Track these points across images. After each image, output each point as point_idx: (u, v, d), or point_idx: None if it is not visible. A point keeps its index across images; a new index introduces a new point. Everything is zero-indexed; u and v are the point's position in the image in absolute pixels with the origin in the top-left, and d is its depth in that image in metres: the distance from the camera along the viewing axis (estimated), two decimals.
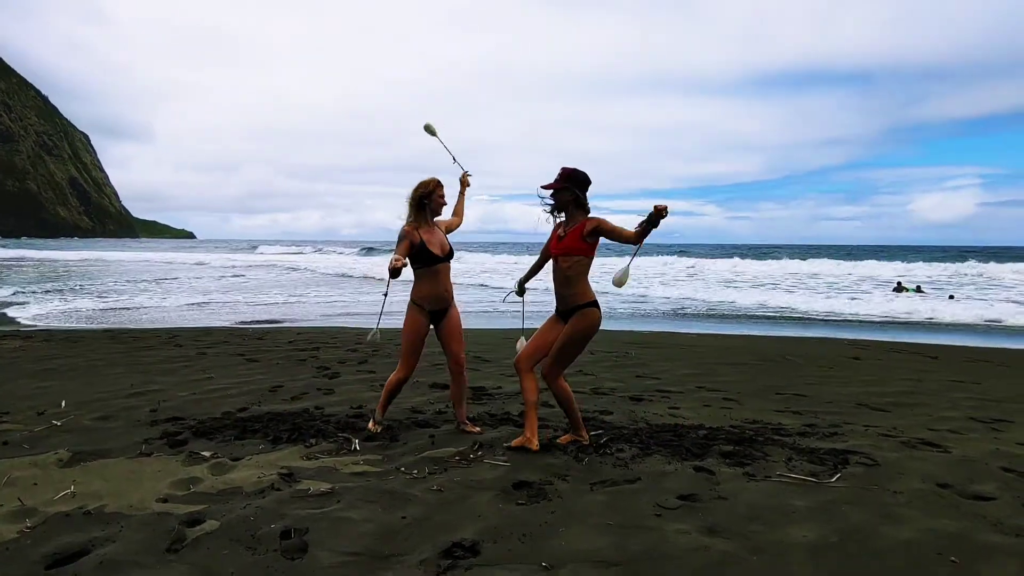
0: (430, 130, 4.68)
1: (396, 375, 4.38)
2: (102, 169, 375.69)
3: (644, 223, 3.65)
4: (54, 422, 4.69)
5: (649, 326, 12.70)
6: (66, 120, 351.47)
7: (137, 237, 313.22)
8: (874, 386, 6.47)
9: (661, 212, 3.55)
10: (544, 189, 4.03)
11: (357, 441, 4.17)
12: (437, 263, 4.28)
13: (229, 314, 14.18)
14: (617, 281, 3.94)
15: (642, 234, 3.68)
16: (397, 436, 4.34)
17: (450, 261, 4.40)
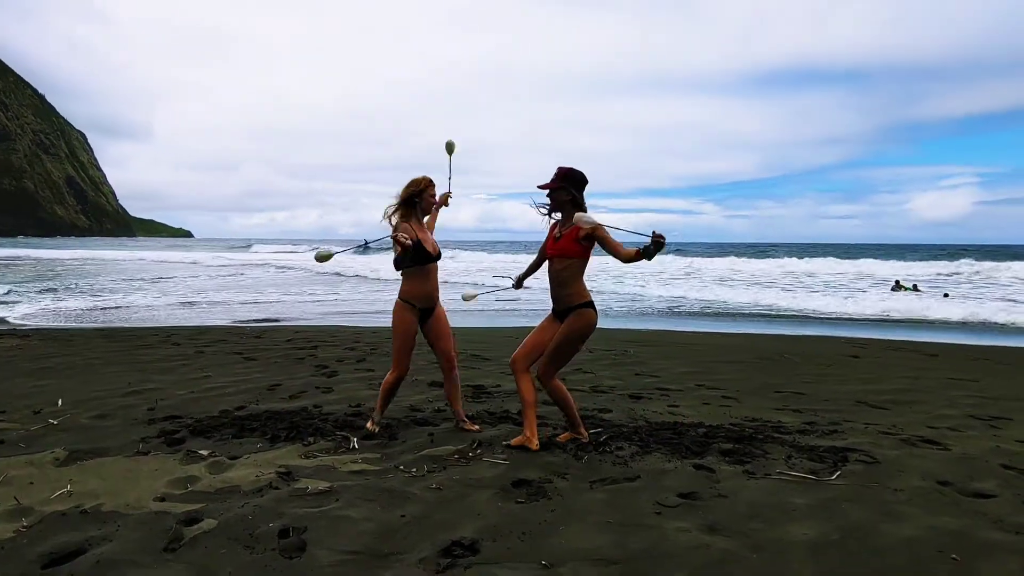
0: (450, 148, 4.72)
1: (392, 376, 4.37)
2: (99, 168, 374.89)
3: (641, 252, 3.52)
4: (51, 421, 4.67)
5: (646, 324, 12.69)
6: (63, 119, 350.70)
7: (134, 236, 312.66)
8: (873, 384, 6.47)
9: (660, 242, 3.37)
10: (540, 188, 4.02)
11: (356, 439, 4.16)
12: (430, 262, 4.32)
13: (223, 313, 14.13)
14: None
15: (635, 259, 3.58)
16: (396, 434, 4.33)
17: (439, 261, 4.45)
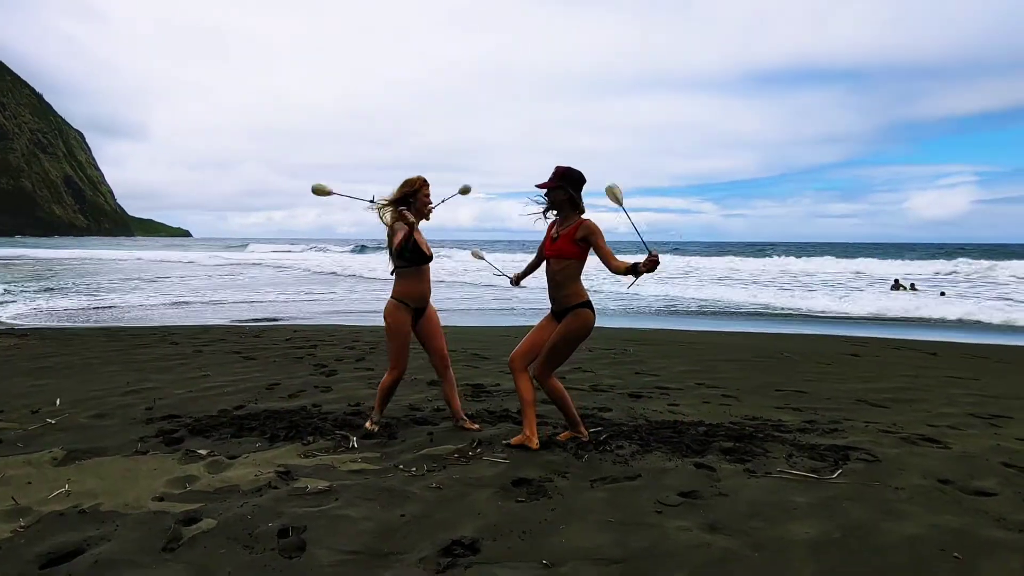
0: (465, 191, 4.53)
1: (389, 377, 4.36)
2: (97, 167, 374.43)
3: (631, 268, 3.51)
4: (48, 420, 4.65)
5: (644, 323, 12.68)
6: (61, 118, 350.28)
7: (132, 235, 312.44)
8: (873, 382, 6.46)
9: (654, 261, 3.37)
10: (538, 188, 4.00)
11: (355, 439, 4.14)
12: (425, 263, 4.33)
13: (219, 312, 14.10)
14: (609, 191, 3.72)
15: (623, 273, 3.57)
16: (395, 434, 4.32)
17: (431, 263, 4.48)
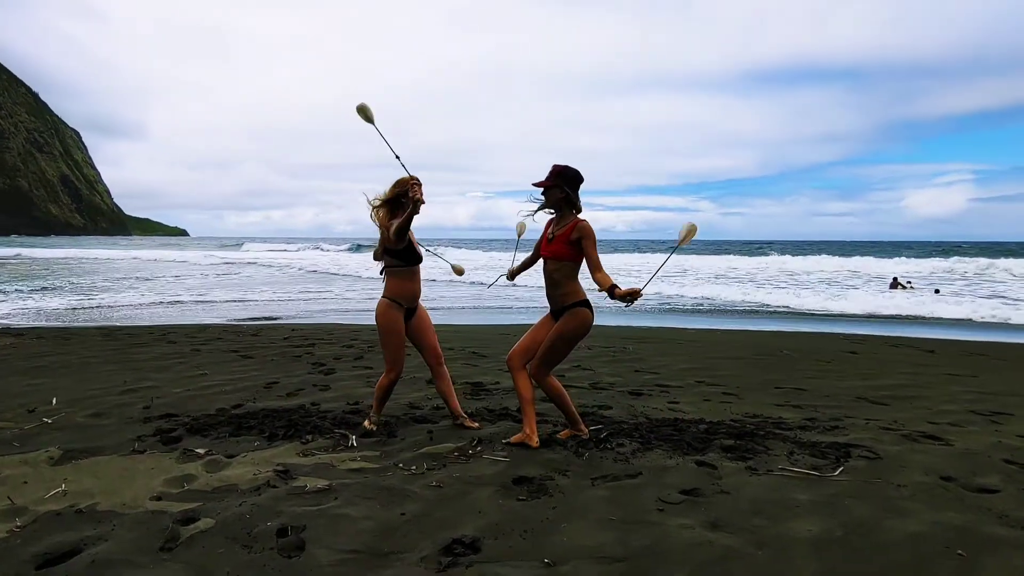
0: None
1: (387, 377, 4.34)
2: (94, 167, 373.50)
3: (610, 291, 3.55)
4: (45, 420, 4.62)
5: (643, 321, 12.67)
6: (57, 117, 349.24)
7: (130, 235, 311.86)
8: (872, 380, 6.45)
9: (636, 295, 3.46)
10: (535, 186, 3.98)
11: (354, 437, 4.12)
12: (417, 263, 4.35)
13: (215, 311, 14.05)
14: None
15: (603, 288, 3.60)
16: (395, 432, 4.30)
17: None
